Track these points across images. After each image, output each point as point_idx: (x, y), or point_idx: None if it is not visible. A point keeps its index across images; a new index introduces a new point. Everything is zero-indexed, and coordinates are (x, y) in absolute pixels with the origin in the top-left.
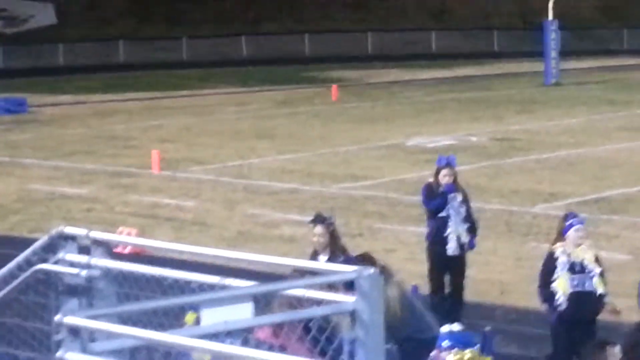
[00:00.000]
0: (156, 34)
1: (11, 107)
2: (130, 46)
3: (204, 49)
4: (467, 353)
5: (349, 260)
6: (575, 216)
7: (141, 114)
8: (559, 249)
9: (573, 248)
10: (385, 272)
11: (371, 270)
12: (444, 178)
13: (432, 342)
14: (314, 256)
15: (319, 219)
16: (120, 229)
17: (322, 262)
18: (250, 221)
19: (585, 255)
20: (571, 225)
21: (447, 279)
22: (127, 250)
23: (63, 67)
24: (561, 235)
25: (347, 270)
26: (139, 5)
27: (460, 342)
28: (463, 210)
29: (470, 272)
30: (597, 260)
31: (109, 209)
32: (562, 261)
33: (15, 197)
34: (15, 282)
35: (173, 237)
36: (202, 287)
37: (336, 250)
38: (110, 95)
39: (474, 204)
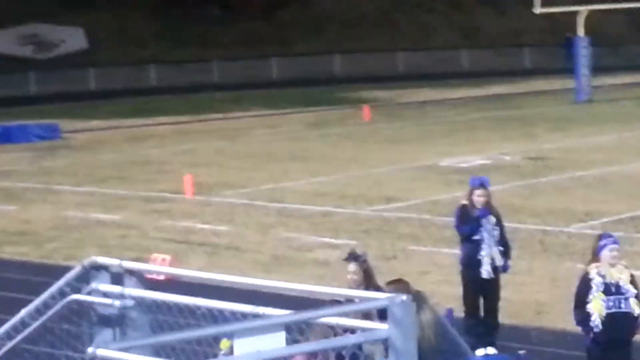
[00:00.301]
0: (187, 56)
1: (44, 134)
2: (161, 69)
3: (234, 71)
4: None
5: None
6: (609, 236)
7: (173, 138)
8: (593, 269)
9: (608, 269)
10: (419, 298)
11: (403, 297)
12: (478, 199)
13: None
14: None
15: (352, 257)
16: (154, 255)
17: (355, 292)
18: (284, 245)
19: (621, 276)
20: (605, 246)
21: (481, 301)
22: (160, 277)
23: (94, 92)
24: (596, 255)
25: (380, 298)
26: (169, 28)
27: None
28: (496, 233)
29: (506, 293)
30: (633, 281)
31: (143, 235)
32: (596, 282)
33: (50, 224)
34: (49, 313)
35: (207, 262)
36: (235, 316)
37: (370, 287)
38: (142, 119)
39: (508, 224)
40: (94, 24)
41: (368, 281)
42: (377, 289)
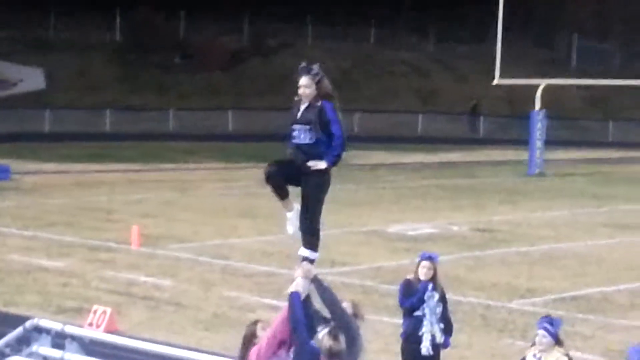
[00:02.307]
0: (144, 103)
1: None
2: (117, 115)
3: (191, 120)
4: None
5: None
6: (543, 321)
7: (124, 186)
8: (529, 353)
9: (544, 354)
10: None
11: None
12: (423, 270)
13: None
14: (297, 106)
15: (304, 70)
16: (95, 307)
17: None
18: (226, 304)
19: None
20: (537, 330)
21: None
22: (100, 330)
23: (48, 134)
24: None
25: None
26: (128, 74)
27: None
28: (439, 309)
29: None
30: None
31: (85, 284)
32: None
33: None
34: None
35: (148, 316)
36: None
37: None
38: (94, 165)
39: (451, 296)
40: (54, 66)
41: (320, 93)
42: (328, 97)
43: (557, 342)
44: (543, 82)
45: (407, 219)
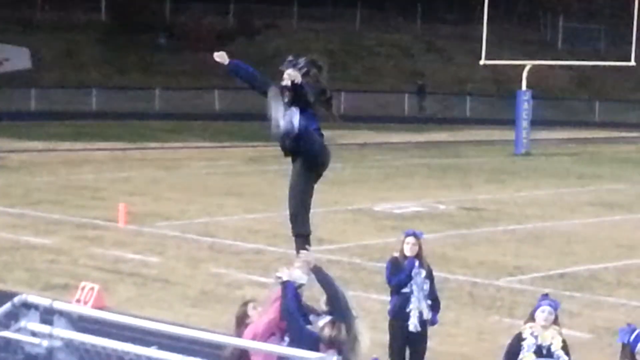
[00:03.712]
0: (130, 83)
1: None
2: (102, 94)
3: (177, 100)
4: None
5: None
6: (546, 298)
7: (110, 164)
8: (527, 330)
9: (542, 330)
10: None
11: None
12: (407, 245)
13: None
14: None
15: (290, 63)
16: (83, 284)
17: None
18: (213, 280)
19: (553, 341)
20: (539, 306)
21: (407, 352)
22: (88, 306)
23: (35, 113)
24: (532, 315)
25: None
26: (114, 54)
27: None
28: (426, 286)
29: (432, 344)
30: (565, 347)
31: (73, 261)
32: (529, 343)
33: None
34: None
35: (135, 293)
36: None
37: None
38: (80, 143)
39: (438, 274)
40: (40, 45)
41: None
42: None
43: (555, 321)
44: (529, 63)
45: (394, 198)
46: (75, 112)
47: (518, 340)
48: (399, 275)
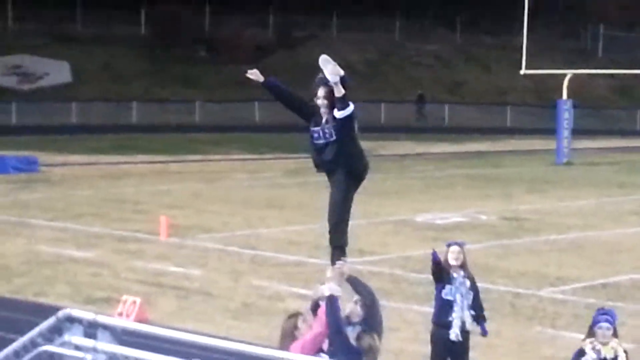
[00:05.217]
0: (170, 95)
1: (22, 166)
2: (143, 107)
3: (217, 112)
4: None
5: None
6: (603, 313)
7: (151, 177)
8: (588, 345)
9: (602, 345)
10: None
11: None
12: (452, 255)
13: None
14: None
15: (321, 82)
16: (125, 297)
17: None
18: (255, 293)
19: (618, 354)
20: (597, 322)
21: None
22: (131, 319)
23: (75, 126)
24: (591, 329)
25: None
26: (154, 67)
27: None
28: (470, 296)
29: (473, 355)
30: (627, 358)
31: (115, 274)
32: (589, 358)
33: (21, 259)
34: None
35: (177, 306)
36: None
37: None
38: (121, 157)
39: (480, 284)
40: (80, 59)
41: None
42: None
43: (614, 333)
44: (569, 72)
45: (435, 208)
46: (115, 126)
47: (579, 355)
48: (442, 281)
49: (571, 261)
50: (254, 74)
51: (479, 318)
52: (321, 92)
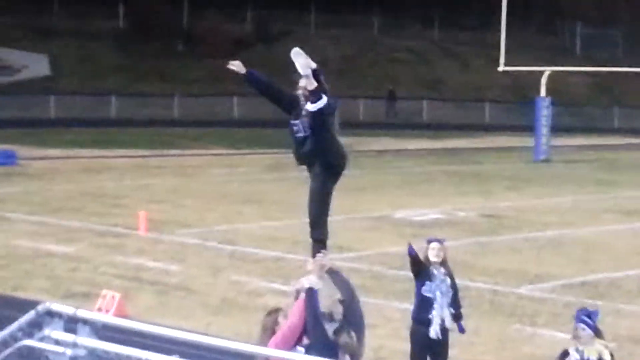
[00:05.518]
0: (148, 90)
1: (0, 160)
2: (121, 101)
3: (195, 107)
4: None
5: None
6: (582, 313)
7: (130, 171)
8: (572, 347)
9: (586, 346)
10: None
11: None
12: (433, 251)
13: None
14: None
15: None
16: (104, 292)
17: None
18: (234, 289)
19: (603, 357)
20: (576, 324)
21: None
22: (110, 314)
23: (54, 120)
24: (574, 330)
25: None
26: (132, 61)
27: None
28: (450, 294)
29: (453, 352)
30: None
31: (94, 269)
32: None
33: None
34: None
35: (156, 301)
36: None
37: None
38: (100, 151)
39: (459, 281)
40: (59, 52)
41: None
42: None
43: (597, 333)
44: (548, 69)
45: (413, 205)
46: (94, 119)
47: (563, 357)
48: (422, 278)
49: (550, 259)
50: (236, 66)
51: (457, 316)
52: (302, 82)
